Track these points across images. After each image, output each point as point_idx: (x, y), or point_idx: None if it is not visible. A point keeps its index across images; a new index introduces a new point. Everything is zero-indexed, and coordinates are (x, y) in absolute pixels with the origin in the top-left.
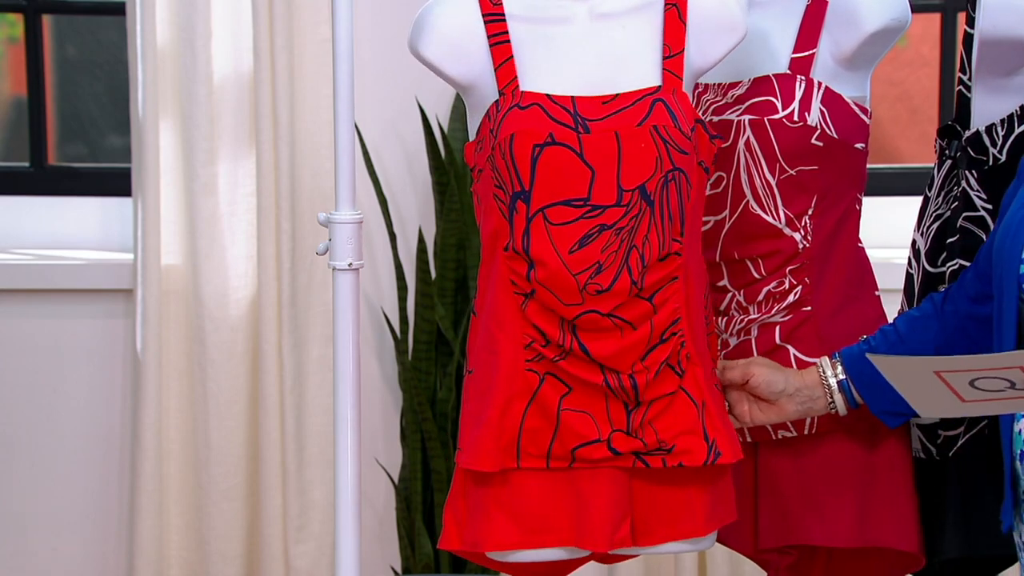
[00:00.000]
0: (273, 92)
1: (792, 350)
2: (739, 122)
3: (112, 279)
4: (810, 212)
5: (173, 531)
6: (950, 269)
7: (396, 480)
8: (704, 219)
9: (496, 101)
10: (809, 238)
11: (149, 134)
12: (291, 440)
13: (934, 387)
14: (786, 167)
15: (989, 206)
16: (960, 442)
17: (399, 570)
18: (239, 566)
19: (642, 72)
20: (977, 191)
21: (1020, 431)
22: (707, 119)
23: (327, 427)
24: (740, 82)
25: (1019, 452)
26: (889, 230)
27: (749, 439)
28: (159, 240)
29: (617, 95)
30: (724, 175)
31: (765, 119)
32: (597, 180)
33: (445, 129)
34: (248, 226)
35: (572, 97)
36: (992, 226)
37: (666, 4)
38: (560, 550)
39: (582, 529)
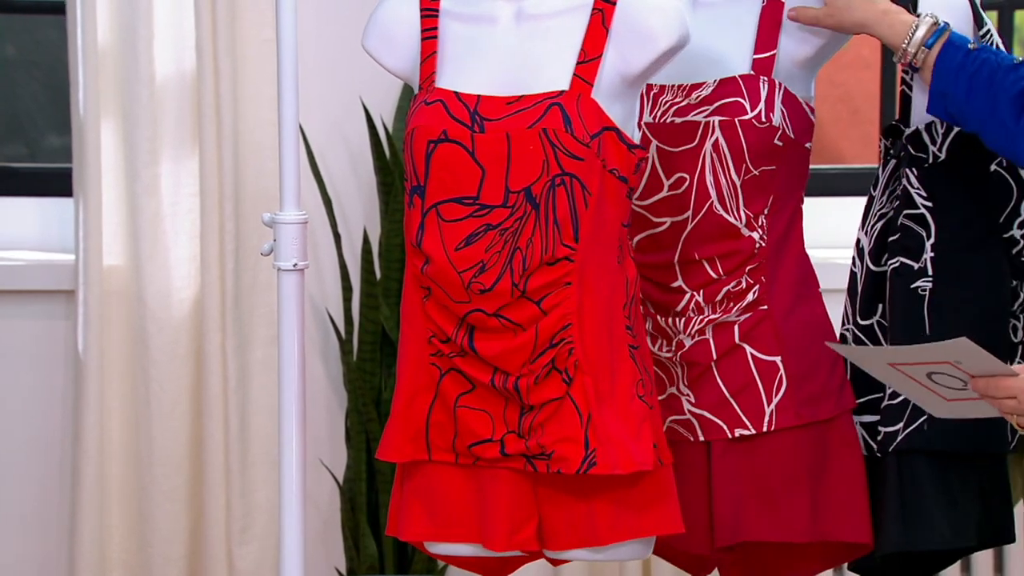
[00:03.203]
0: (216, 92)
1: (749, 349)
2: (708, 123)
3: (53, 280)
4: (766, 212)
5: (115, 533)
6: (891, 267)
7: (341, 481)
8: (660, 220)
9: (415, 95)
10: (765, 237)
11: (90, 134)
12: (235, 441)
13: (907, 382)
14: (751, 168)
15: (929, 204)
16: (899, 438)
17: (343, 571)
18: (182, 568)
19: (554, 76)
20: (917, 189)
21: None
22: (668, 120)
23: (271, 428)
24: (704, 83)
25: None
26: (830, 230)
27: (703, 439)
28: (101, 241)
29: (521, 97)
30: (687, 176)
31: (736, 120)
32: (486, 180)
33: (390, 129)
34: (191, 226)
35: (478, 96)
36: (933, 224)
37: (593, 9)
38: (468, 546)
39: (484, 528)
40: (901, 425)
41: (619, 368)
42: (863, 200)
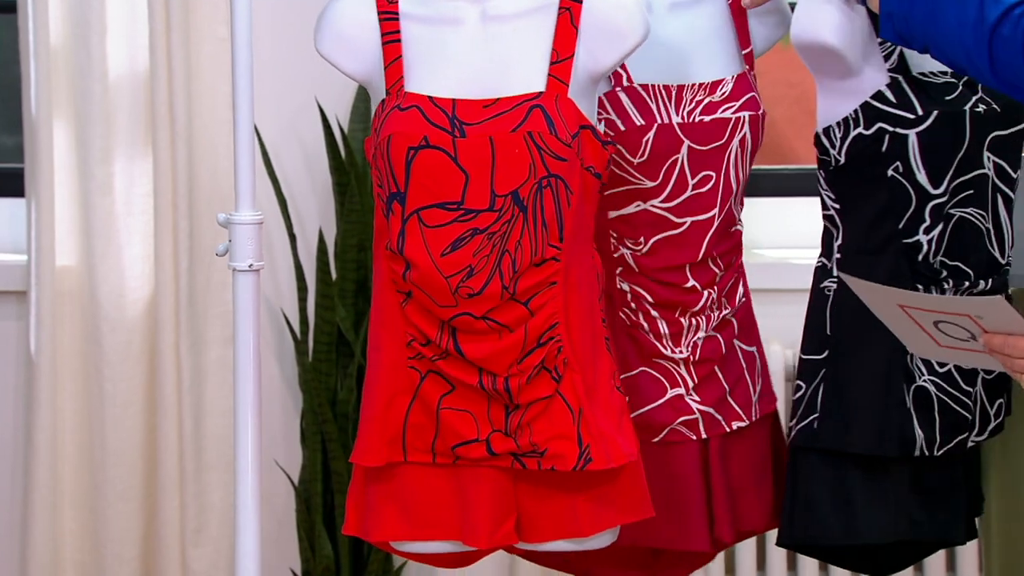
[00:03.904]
0: (170, 91)
1: (737, 342)
2: (738, 119)
3: (5, 280)
4: (740, 203)
5: (67, 534)
6: (815, 265)
7: (296, 482)
8: (680, 221)
9: (383, 100)
10: (741, 229)
11: (42, 133)
12: (189, 442)
13: (905, 322)
14: (753, 162)
15: (837, 206)
16: (792, 434)
17: (298, 572)
18: (135, 568)
19: (527, 77)
20: (827, 191)
21: None
22: (697, 119)
23: (226, 429)
24: (723, 79)
25: None
26: (785, 230)
27: (704, 436)
28: (53, 240)
29: (498, 99)
30: (713, 174)
31: (758, 114)
32: (471, 184)
33: (345, 129)
34: (145, 226)
35: (453, 100)
36: (840, 226)
37: (560, 8)
38: (447, 543)
39: (464, 526)
40: (795, 421)
41: (600, 362)
42: (817, 200)
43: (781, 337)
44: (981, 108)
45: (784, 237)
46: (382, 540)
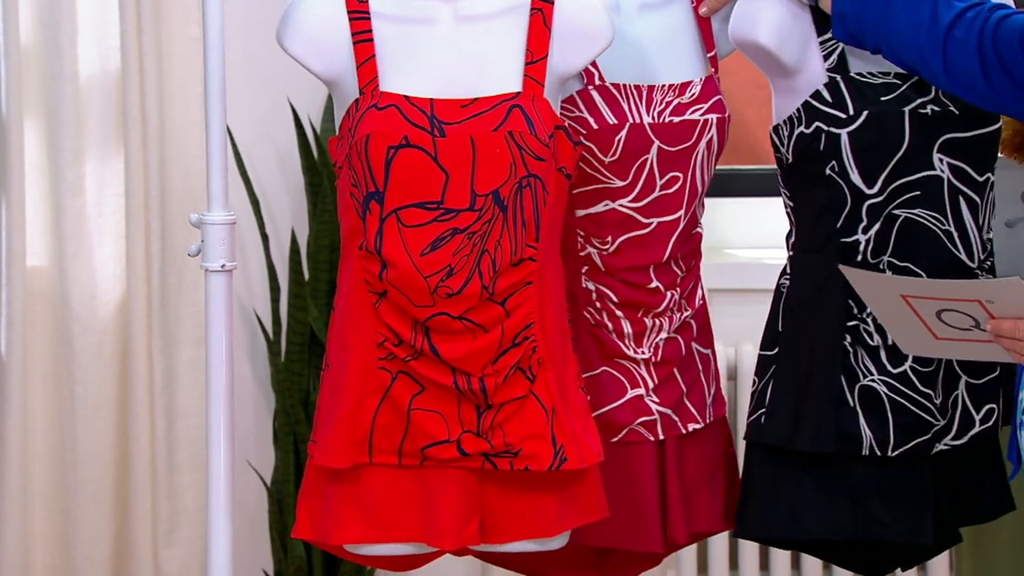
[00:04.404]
0: (141, 91)
1: (696, 346)
2: (706, 120)
3: None
4: (702, 205)
5: (38, 536)
6: (783, 262)
7: (268, 482)
8: (647, 222)
9: (356, 100)
10: (702, 231)
11: (13, 133)
12: (161, 443)
13: (904, 315)
14: (716, 163)
15: (791, 203)
16: (745, 428)
17: (271, 573)
18: (107, 570)
19: (503, 77)
20: (784, 188)
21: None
22: (667, 120)
23: (198, 430)
24: (692, 81)
25: (1019, 421)
26: (757, 230)
27: (662, 437)
28: (24, 241)
29: (476, 99)
30: (681, 175)
31: (725, 116)
32: (451, 184)
33: (318, 129)
34: (116, 227)
35: (430, 99)
36: (793, 224)
37: (532, 9)
38: (408, 545)
39: (430, 527)
40: (748, 415)
41: (568, 361)
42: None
43: (754, 337)
44: (929, 110)
45: (756, 237)
46: (341, 543)
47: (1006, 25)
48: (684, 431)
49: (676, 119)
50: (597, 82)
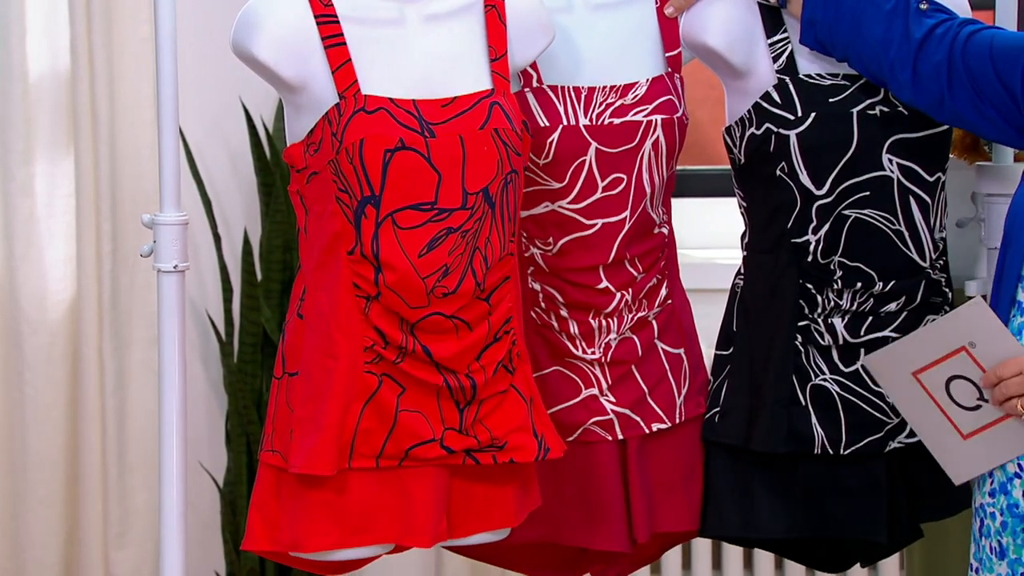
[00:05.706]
0: (92, 91)
1: (661, 344)
2: (650, 122)
3: None
4: (664, 206)
5: None
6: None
7: (221, 484)
8: (591, 223)
9: (337, 104)
10: (668, 232)
11: None
12: (112, 444)
13: (927, 406)
14: (672, 164)
15: (744, 204)
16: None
17: (224, 575)
18: (57, 573)
19: (473, 74)
20: (737, 189)
21: None
22: (607, 122)
23: (149, 431)
24: (637, 82)
25: None
26: (709, 231)
27: (621, 437)
28: None
29: (455, 98)
30: (624, 176)
31: (674, 117)
32: (443, 184)
33: (270, 129)
34: (67, 227)
35: (414, 101)
36: (746, 224)
37: (485, 6)
38: (377, 547)
39: (406, 527)
40: (704, 415)
41: (527, 355)
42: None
43: (705, 337)
44: (878, 110)
45: (709, 237)
46: (314, 551)
47: (975, 41)
48: (648, 431)
49: (616, 120)
50: (535, 84)
